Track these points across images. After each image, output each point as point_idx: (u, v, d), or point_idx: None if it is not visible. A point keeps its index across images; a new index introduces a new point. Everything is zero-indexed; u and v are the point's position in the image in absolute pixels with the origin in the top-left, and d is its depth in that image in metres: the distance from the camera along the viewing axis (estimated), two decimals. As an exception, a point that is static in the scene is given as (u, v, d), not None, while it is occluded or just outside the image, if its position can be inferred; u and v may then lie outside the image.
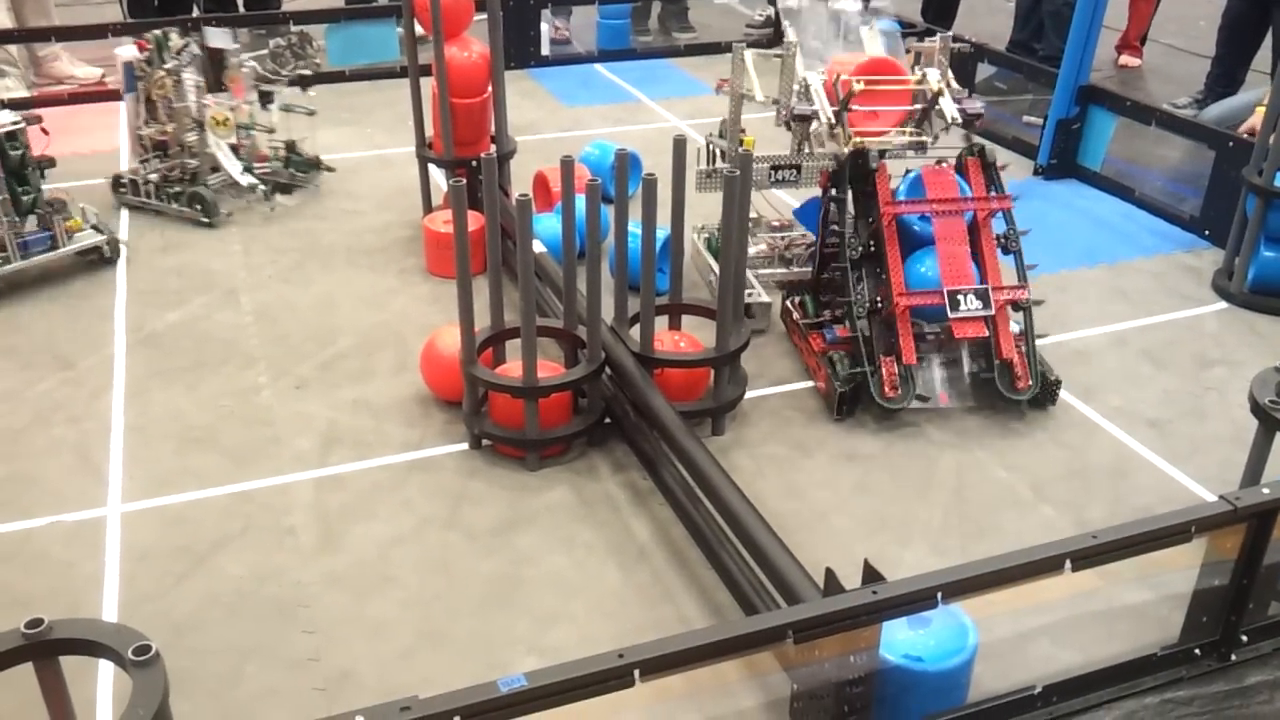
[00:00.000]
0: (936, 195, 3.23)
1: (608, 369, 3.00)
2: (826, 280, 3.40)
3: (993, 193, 3.28)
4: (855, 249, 3.21)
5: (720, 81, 3.80)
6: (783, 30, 3.62)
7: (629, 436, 2.99)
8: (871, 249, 3.22)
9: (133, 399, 3.21)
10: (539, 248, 3.46)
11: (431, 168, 4.30)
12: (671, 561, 2.62)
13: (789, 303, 3.54)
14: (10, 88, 5.52)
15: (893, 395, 3.07)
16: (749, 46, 3.70)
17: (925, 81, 3.28)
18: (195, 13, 6.26)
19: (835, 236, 3.29)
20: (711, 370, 3.09)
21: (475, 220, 3.43)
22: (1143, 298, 3.92)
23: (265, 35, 4.43)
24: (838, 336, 3.26)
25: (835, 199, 3.29)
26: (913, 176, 3.31)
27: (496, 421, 2.98)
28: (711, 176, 3.70)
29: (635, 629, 2.40)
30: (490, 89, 4.00)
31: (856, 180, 3.28)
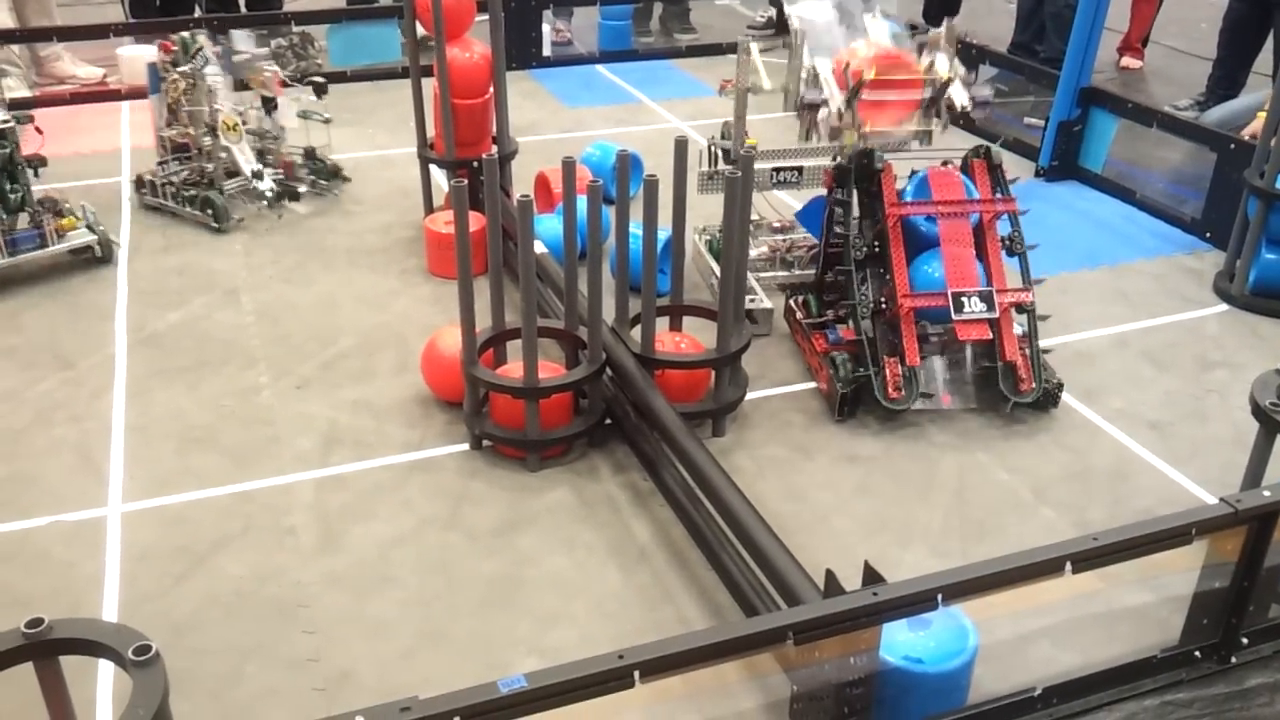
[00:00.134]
0: (942, 197, 3.23)
1: (609, 370, 3.00)
2: (831, 281, 3.40)
3: (998, 195, 3.28)
4: (860, 249, 3.21)
5: (724, 83, 3.79)
6: (786, 22, 3.60)
7: (630, 437, 2.99)
8: (876, 250, 3.22)
9: (133, 399, 3.21)
10: (540, 248, 3.46)
11: (433, 168, 4.30)
12: (672, 562, 2.61)
13: (792, 302, 3.54)
14: (12, 87, 5.52)
15: (897, 396, 3.07)
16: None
17: (934, 70, 3.27)
18: (197, 13, 6.26)
19: (840, 237, 3.29)
20: (712, 371, 3.09)
21: (476, 221, 3.43)
22: (1144, 300, 3.92)
23: (267, 36, 4.43)
24: (841, 337, 3.26)
25: (840, 200, 3.28)
26: (919, 178, 3.30)
27: (497, 422, 2.98)
28: (713, 178, 3.70)
29: (635, 630, 2.40)
30: (492, 90, 4.00)
31: (862, 180, 3.27)
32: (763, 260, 3.85)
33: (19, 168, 3.75)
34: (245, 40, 4.29)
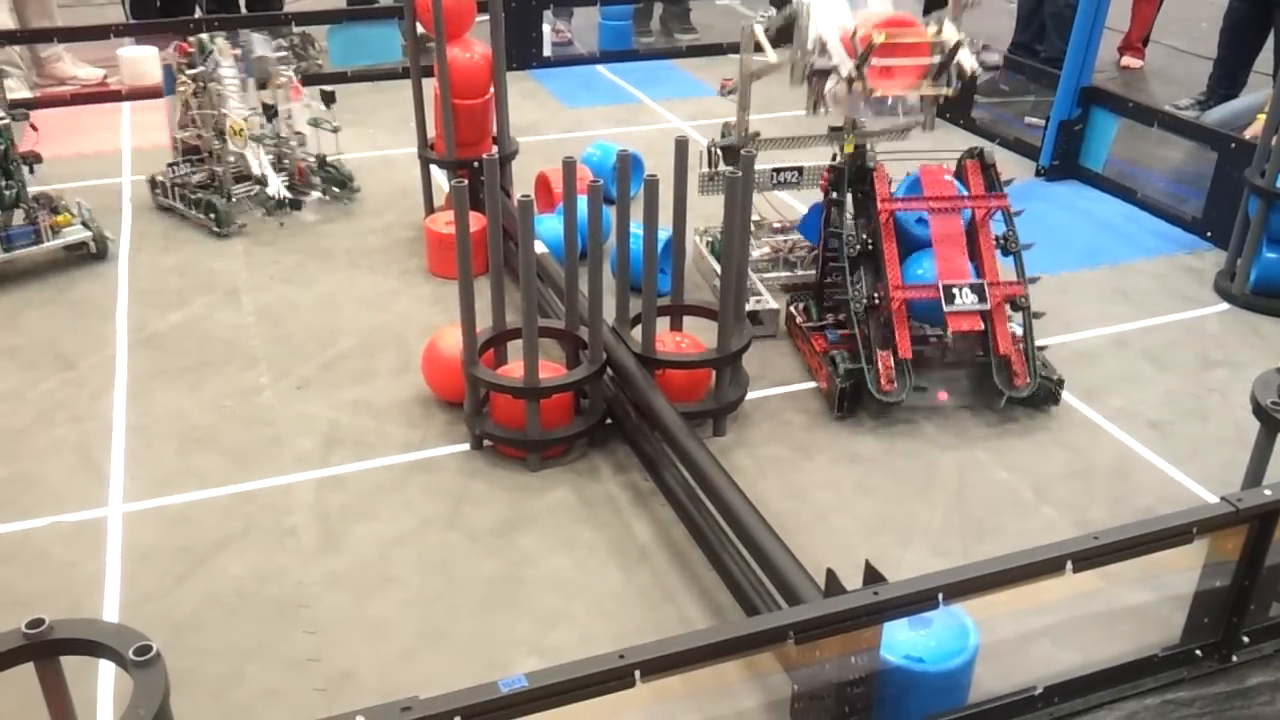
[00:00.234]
0: (933, 194, 3.24)
1: (609, 370, 3.00)
2: (829, 284, 3.41)
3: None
4: (853, 246, 3.23)
5: (724, 81, 3.79)
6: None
7: (630, 437, 2.99)
8: (870, 247, 3.23)
9: (134, 399, 3.21)
10: (541, 249, 3.46)
11: (433, 168, 4.30)
12: (673, 562, 2.61)
13: (792, 308, 3.54)
14: (13, 88, 5.53)
15: (890, 389, 3.07)
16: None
17: (942, 35, 3.26)
18: (197, 14, 6.26)
19: (836, 239, 3.30)
20: (713, 371, 3.09)
21: (477, 221, 3.43)
22: (1144, 299, 3.92)
23: (267, 36, 4.42)
24: (840, 337, 3.27)
25: (835, 201, 3.30)
26: (910, 178, 3.32)
27: (498, 422, 2.98)
28: (714, 180, 3.69)
29: (636, 630, 2.40)
30: (492, 90, 4.00)
31: (855, 181, 3.30)
32: (765, 261, 3.85)
33: (14, 164, 3.77)
34: (263, 44, 4.25)
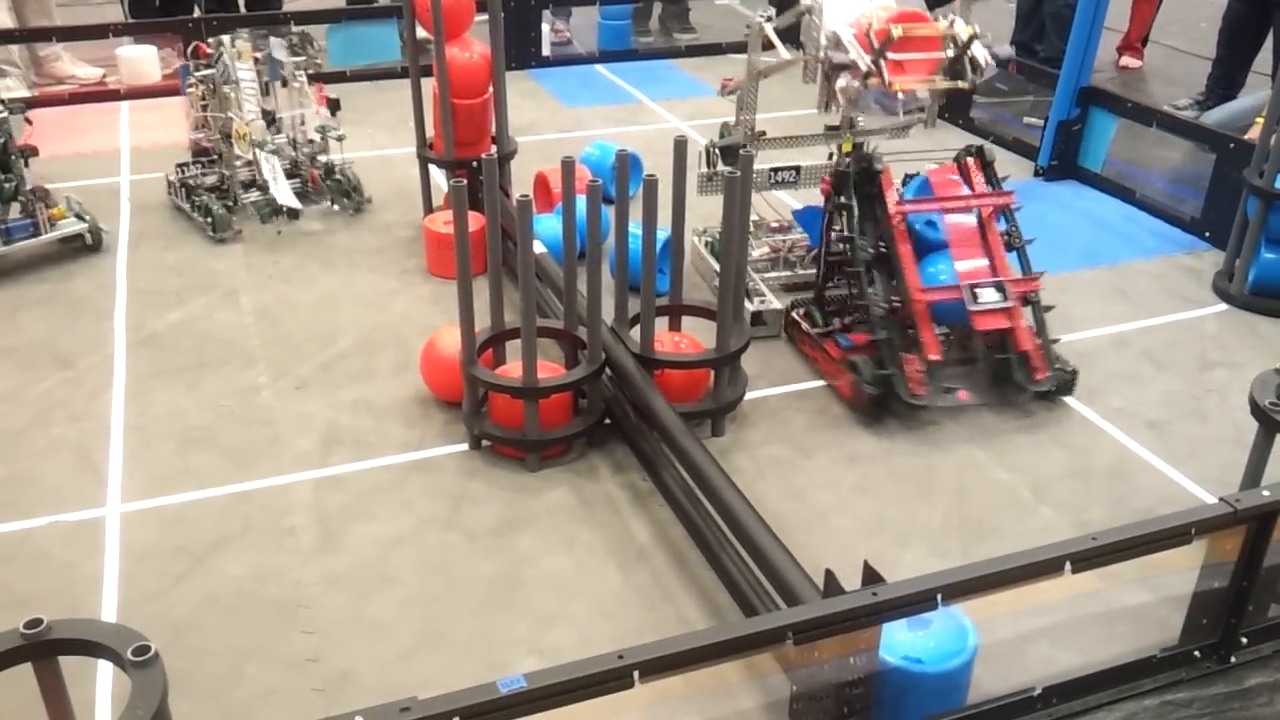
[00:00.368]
0: (944, 194, 3.23)
1: (608, 370, 3.00)
2: (834, 287, 3.38)
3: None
4: (866, 251, 3.18)
5: (725, 81, 3.79)
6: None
7: (629, 437, 2.99)
8: (881, 251, 3.20)
9: (133, 399, 3.21)
10: (539, 248, 3.46)
11: (432, 168, 4.30)
12: (671, 562, 2.61)
13: (794, 314, 3.51)
14: (11, 87, 5.53)
15: (921, 392, 3.06)
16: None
17: (954, 29, 3.27)
18: (196, 13, 6.26)
19: (844, 243, 3.25)
20: (711, 371, 3.09)
21: (476, 221, 3.43)
22: (1143, 299, 3.92)
23: (266, 36, 4.41)
24: (854, 342, 3.23)
25: (842, 205, 3.25)
26: (919, 180, 3.30)
27: (496, 422, 2.98)
28: (712, 180, 3.69)
29: (635, 630, 2.40)
30: (491, 90, 4.00)
31: (861, 184, 3.26)
32: (765, 261, 3.85)
33: (13, 157, 3.77)
34: (280, 48, 4.22)
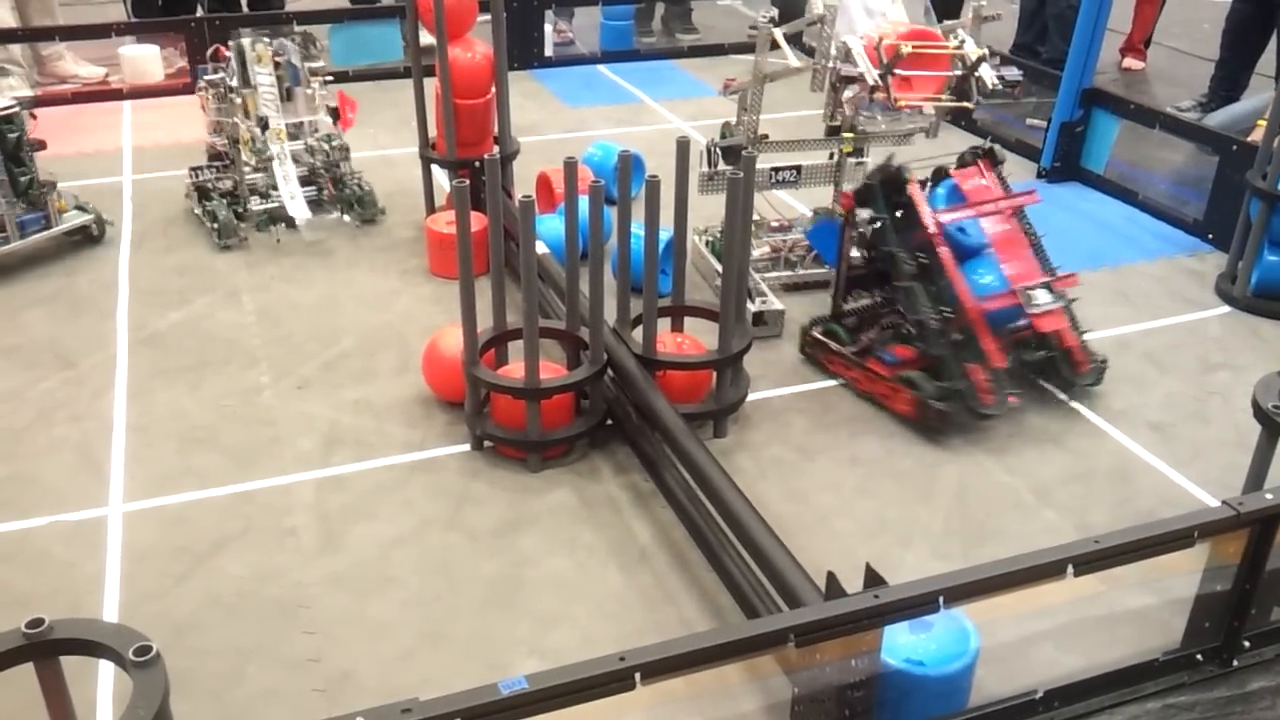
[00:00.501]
0: (978, 199, 3.21)
1: (610, 371, 3.00)
2: (855, 305, 3.31)
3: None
4: (908, 264, 3.11)
5: (727, 81, 3.79)
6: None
7: (631, 438, 2.99)
8: (923, 262, 3.12)
9: (134, 399, 3.21)
10: (542, 249, 3.46)
11: (434, 168, 4.30)
12: (673, 564, 2.61)
13: (816, 335, 3.37)
14: (14, 86, 5.53)
15: (991, 401, 3.03)
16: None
17: (964, 48, 3.26)
18: (199, 13, 6.26)
19: (880, 258, 3.16)
20: (714, 372, 3.09)
21: (478, 221, 3.43)
22: (1146, 301, 3.91)
23: (269, 36, 4.41)
24: (898, 358, 3.17)
25: (875, 218, 3.15)
26: (949, 185, 3.26)
27: (498, 423, 2.98)
28: (714, 179, 3.69)
29: (636, 631, 2.39)
30: (493, 90, 4.00)
31: (890, 195, 3.18)
32: (765, 260, 3.85)
33: (26, 151, 3.78)
34: (296, 52, 4.20)
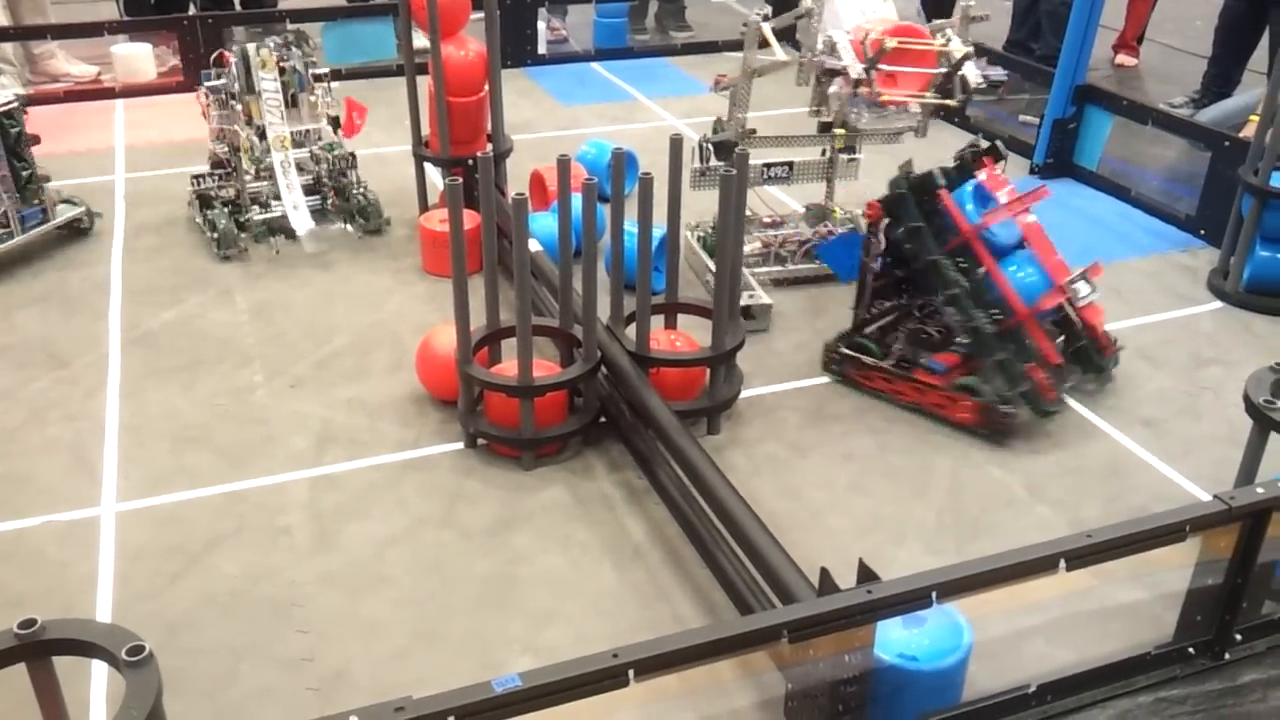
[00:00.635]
0: (1007, 199, 3.20)
1: (603, 368, 3.00)
2: (878, 315, 3.29)
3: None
4: (951, 270, 3.08)
5: (718, 77, 3.79)
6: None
7: (624, 436, 2.99)
8: (963, 267, 3.10)
9: (127, 398, 3.20)
10: (535, 247, 3.46)
11: (428, 166, 4.30)
12: (667, 561, 2.61)
13: (845, 351, 3.28)
14: (5, 85, 5.51)
15: (1054, 398, 3.10)
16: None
17: (950, 46, 3.26)
18: (191, 11, 6.25)
19: (918, 267, 3.14)
20: (707, 369, 3.09)
21: (471, 219, 3.43)
22: (1138, 297, 3.92)
23: (261, 34, 4.40)
24: (946, 365, 3.13)
25: (913, 226, 3.11)
26: (974, 185, 3.22)
27: (492, 421, 2.97)
28: (706, 175, 3.69)
29: (630, 628, 2.40)
30: (487, 88, 4.00)
31: (922, 201, 3.14)
32: (756, 256, 3.85)
33: (25, 146, 3.79)
34: (299, 59, 4.18)
